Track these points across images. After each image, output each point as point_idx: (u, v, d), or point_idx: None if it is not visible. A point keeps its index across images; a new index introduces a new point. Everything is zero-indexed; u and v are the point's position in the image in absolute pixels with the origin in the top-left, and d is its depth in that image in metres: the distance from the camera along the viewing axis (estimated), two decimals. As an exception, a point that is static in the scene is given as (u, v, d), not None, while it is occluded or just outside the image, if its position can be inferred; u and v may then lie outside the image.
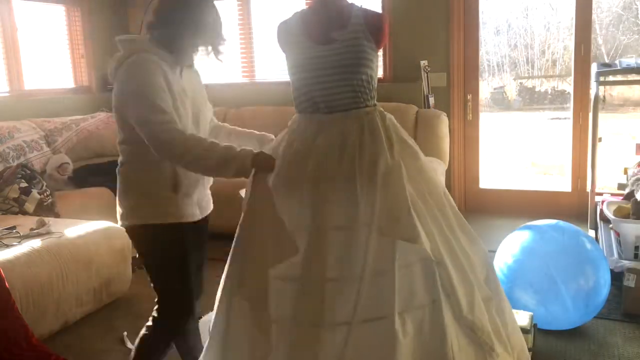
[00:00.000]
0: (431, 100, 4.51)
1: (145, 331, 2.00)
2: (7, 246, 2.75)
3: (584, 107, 4.26)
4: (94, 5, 5.12)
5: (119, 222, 1.98)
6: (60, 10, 4.95)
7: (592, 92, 3.67)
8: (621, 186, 3.84)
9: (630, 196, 3.41)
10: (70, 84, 5.08)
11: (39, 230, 2.96)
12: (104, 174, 4.06)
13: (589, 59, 4.23)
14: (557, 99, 8.33)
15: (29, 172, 3.71)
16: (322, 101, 1.82)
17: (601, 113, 3.70)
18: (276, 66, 4.93)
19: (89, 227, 3.12)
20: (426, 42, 4.54)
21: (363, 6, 1.88)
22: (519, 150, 7.75)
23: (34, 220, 3.07)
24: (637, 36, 7.59)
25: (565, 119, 5.80)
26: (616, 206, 3.37)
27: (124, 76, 1.81)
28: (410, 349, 1.63)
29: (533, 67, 8.39)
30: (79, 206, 3.73)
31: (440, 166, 4.18)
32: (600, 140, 3.68)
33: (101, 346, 2.73)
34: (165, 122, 1.73)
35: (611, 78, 3.88)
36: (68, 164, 4.14)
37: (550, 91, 8.51)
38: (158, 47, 1.84)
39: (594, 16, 4.48)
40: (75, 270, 2.84)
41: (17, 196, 3.51)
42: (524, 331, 2.20)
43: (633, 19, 7.61)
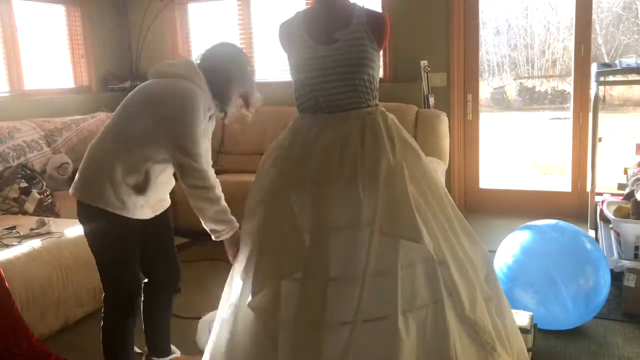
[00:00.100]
0: (431, 100, 4.51)
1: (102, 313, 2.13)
2: (7, 246, 2.75)
3: (584, 107, 4.26)
4: (94, 5, 5.11)
5: (71, 190, 2.03)
6: (60, 10, 4.95)
7: (592, 92, 3.67)
8: (621, 186, 3.85)
9: (630, 196, 3.41)
10: (70, 84, 5.08)
11: (39, 230, 2.95)
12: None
13: (589, 59, 4.23)
14: (557, 99, 8.32)
15: (29, 172, 3.71)
16: (324, 101, 1.82)
17: (601, 113, 3.70)
18: (276, 66, 4.92)
19: (89, 227, 3.11)
20: (426, 42, 4.53)
21: (365, 6, 1.88)
22: (519, 150, 7.75)
23: (34, 220, 3.07)
24: (637, 36, 7.59)
25: (565, 119, 5.79)
26: (616, 206, 3.37)
27: (174, 93, 1.94)
28: (413, 348, 1.63)
29: (533, 67, 8.39)
30: (79, 206, 3.72)
31: (440, 166, 4.18)
32: (600, 140, 3.67)
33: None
34: (204, 156, 1.94)
35: (611, 78, 3.87)
36: (68, 164, 4.14)
37: (550, 91, 8.51)
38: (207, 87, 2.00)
39: (594, 16, 4.48)
40: (75, 270, 2.84)
41: (17, 196, 3.51)
42: (524, 331, 2.20)
43: (633, 19, 7.61)
